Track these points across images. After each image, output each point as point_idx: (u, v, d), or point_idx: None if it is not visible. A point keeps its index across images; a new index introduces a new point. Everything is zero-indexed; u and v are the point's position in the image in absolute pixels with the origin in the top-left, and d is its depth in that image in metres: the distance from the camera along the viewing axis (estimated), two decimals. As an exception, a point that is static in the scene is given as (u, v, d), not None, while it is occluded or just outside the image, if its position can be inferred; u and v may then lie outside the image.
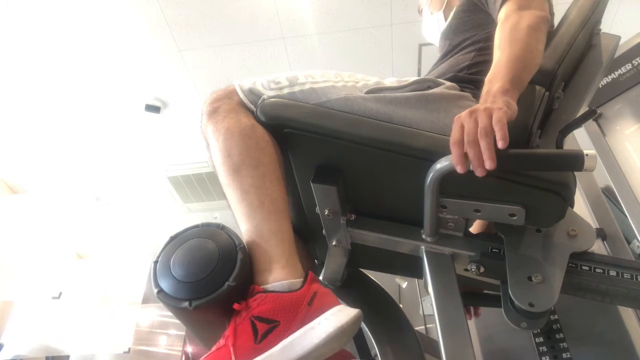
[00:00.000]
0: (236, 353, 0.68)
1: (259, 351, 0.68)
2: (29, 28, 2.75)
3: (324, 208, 0.91)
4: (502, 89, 0.77)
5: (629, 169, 1.60)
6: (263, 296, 0.73)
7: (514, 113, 0.74)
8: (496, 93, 0.77)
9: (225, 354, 0.69)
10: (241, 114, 0.89)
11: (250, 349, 0.69)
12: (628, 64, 1.70)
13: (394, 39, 3.04)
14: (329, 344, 0.70)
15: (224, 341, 0.71)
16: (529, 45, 0.85)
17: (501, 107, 0.72)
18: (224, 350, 0.69)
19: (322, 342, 0.69)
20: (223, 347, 0.70)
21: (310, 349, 0.68)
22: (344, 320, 0.72)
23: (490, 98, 0.76)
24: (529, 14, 0.90)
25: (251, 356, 0.68)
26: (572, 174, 0.81)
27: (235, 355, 0.68)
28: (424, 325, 2.94)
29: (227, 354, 0.68)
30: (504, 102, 0.74)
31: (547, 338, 1.36)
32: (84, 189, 4.08)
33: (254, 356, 0.68)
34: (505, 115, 0.70)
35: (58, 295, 3.50)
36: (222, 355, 0.69)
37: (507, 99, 0.75)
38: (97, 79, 3.12)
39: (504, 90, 0.77)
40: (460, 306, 0.84)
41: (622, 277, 0.83)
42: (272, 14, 2.83)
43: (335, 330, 0.70)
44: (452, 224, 0.90)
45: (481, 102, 0.78)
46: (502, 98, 0.75)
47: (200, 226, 0.82)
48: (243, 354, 0.68)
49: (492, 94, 0.77)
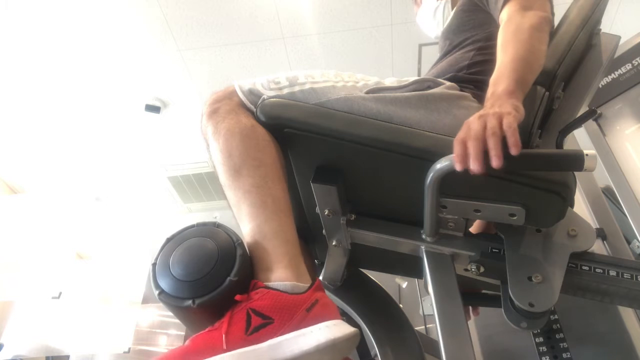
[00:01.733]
0: (227, 338, 0.68)
1: (246, 342, 0.68)
2: (29, 28, 2.75)
3: (324, 208, 0.91)
4: (508, 91, 0.77)
5: (629, 169, 1.60)
6: (264, 291, 0.73)
7: (522, 116, 0.74)
8: (502, 95, 0.77)
9: (215, 336, 0.69)
10: (241, 115, 0.89)
11: (239, 338, 0.68)
12: (628, 64, 1.70)
13: (394, 39, 3.04)
14: (316, 354, 0.69)
15: (218, 325, 0.71)
16: (532, 46, 0.86)
17: (510, 112, 0.72)
18: (215, 333, 0.69)
19: (310, 351, 0.68)
20: (215, 330, 0.70)
21: (296, 354, 0.67)
22: (337, 335, 0.70)
23: (497, 101, 0.76)
24: (531, 15, 0.90)
25: (239, 345, 0.68)
26: (572, 174, 0.81)
27: (226, 341, 0.68)
28: (424, 325, 2.94)
29: (216, 337, 0.68)
30: (512, 105, 0.74)
31: (547, 338, 1.36)
32: (84, 189, 4.07)
33: (241, 346, 0.67)
34: (515, 120, 0.71)
35: (58, 295, 3.50)
36: (212, 337, 0.69)
37: (513, 102, 0.75)
38: (97, 79, 3.12)
39: (509, 92, 0.77)
40: (460, 306, 0.84)
41: (622, 277, 0.83)
42: (272, 14, 2.83)
43: (325, 341, 0.69)
44: (452, 224, 0.90)
45: (487, 104, 0.78)
46: (509, 101, 0.75)
47: (197, 226, 0.81)
48: (232, 341, 0.68)
49: (498, 95, 0.77)
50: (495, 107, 0.74)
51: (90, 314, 3.53)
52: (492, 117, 0.71)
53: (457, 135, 0.73)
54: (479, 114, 0.74)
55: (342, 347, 0.73)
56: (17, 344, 3.39)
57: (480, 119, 0.72)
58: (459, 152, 0.71)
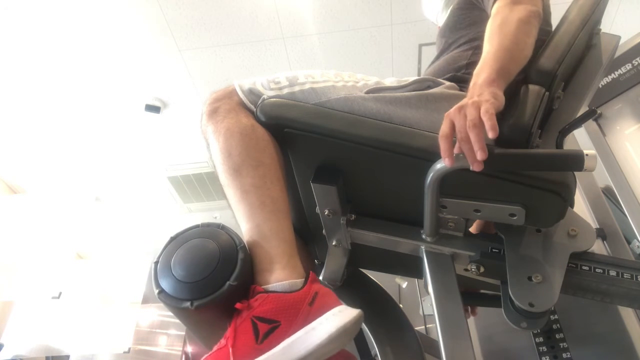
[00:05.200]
0: (236, 353, 0.68)
1: (260, 351, 0.68)
2: (28, 28, 2.75)
3: (324, 208, 0.91)
4: (488, 80, 0.77)
5: (629, 169, 1.60)
6: (264, 296, 0.73)
7: (501, 104, 0.75)
8: (482, 84, 0.77)
9: (224, 354, 0.69)
10: (241, 114, 0.89)
11: (251, 349, 0.69)
12: (628, 64, 1.70)
13: (394, 39, 3.04)
14: (330, 344, 0.70)
15: (224, 341, 0.71)
16: (516, 37, 0.86)
17: (488, 99, 0.72)
18: (223, 351, 0.69)
19: (324, 342, 0.69)
20: (223, 348, 0.70)
21: (311, 349, 0.68)
22: (346, 320, 0.72)
23: (477, 90, 0.76)
24: (520, 8, 0.91)
25: (252, 356, 0.68)
26: (572, 174, 0.81)
27: (234, 356, 0.68)
28: (424, 325, 2.94)
29: (226, 354, 0.68)
30: (490, 93, 0.75)
31: (547, 338, 1.36)
32: (84, 189, 4.07)
33: (256, 356, 0.68)
34: (492, 106, 0.71)
35: (58, 295, 3.50)
36: (222, 356, 0.69)
37: (493, 90, 0.76)
38: (97, 79, 3.12)
39: (490, 81, 0.77)
40: (460, 306, 0.84)
41: (622, 277, 0.83)
42: (272, 14, 2.83)
43: (336, 330, 0.70)
44: (452, 224, 0.90)
45: (468, 94, 0.78)
46: (488, 89, 0.76)
47: (200, 226, 0.81)
48: (244, 354, 0.68)
49: (479, 85, 0.78)
50: (474, 97, 0.75)
51: (90, 314, 3.53)
52: (471, 107, 0.72)
53: (441, 129, 0.74)
54: (458, 106, 0.74)
55: (351, 330, 0.74)
56: (17, 344, 3.39)
57: (460, 110, 0.73)
58: (444, 147, 0.72)
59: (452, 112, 0.74)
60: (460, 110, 0.73)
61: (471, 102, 0.73)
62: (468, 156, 0.71)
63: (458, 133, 0.71)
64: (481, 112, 0.70)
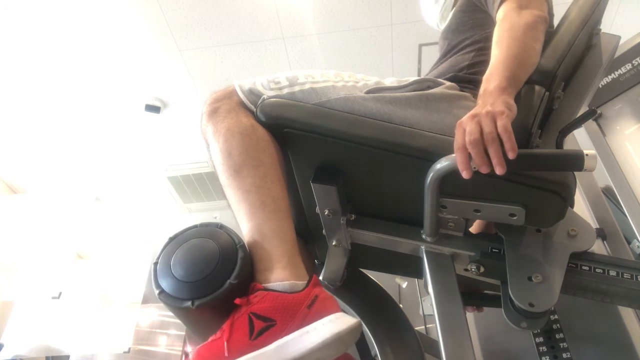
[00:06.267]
0: (230, 346, 0.68)
1: (253, 347, 0.68)
2: (28, 28, 2.75)
3: (324, 208, 0.91)
4: (499, 88, 0.77)
5: (629, 169, 1.60)
6: (263, 294, 0.73)
7: (515, 114, 0.74)
8: (493, 92, 0.77)
9: (219, 346, 0.69)
10: (241, 114, 0.89)
11: (244, 344, 0.69)
12: (628, 64, 1.70)
13: (394, 39, 3.04)
14: (323, 349, 0.69)
15: (219, 334, 0.71)
16: (525, 44, 0.86)
17: (503, 111, 0.72)
18: (218, 343, 0.70)
19: (317, 347, 0.68)
20: (218, 340, 0.70)
21: (304, 352, 0.68)
22: (341, 328, 0.71)
23: (489, 98, 0.76)
24: (527, 13, 0.91)
25: (245, 351, 0.68)
26: (572, 174, 0.81)
27: (228, 349, 0.68)
28: (424, 325, 2.94)
29: (220, 346, 0.69)
30: (503, 102, 0.74)
31: (547, 338, 1.36)
32: (83, 189, 4.07)
33: (248, 351, 0.68)
34: (509, 120, 0.71)
35: (58, 295, 3.50)
36: (216, 347, 0.69)
37: (505, 99, 0.75)
38: (97, 78, 3.12)
39: (501, 89, 0.77)
40: (460, 306, 0.84)
41: (622, 277, 0.83)
42: (272, 14, 2.83)
43: (331, 336, 0.70)
44: (452, 224, 0.90)
45: (479, 101, 0.78)
46: (500, 97, 0.75)
47: (199, 226, 0.82)
48: (238, 348, 0.68)
49: (490, 92, 0.77)
50: (487, 106, 0.74)
51: (90, 314, 3.53)
52: (486, 118, 0.71)
53: (455, 140, 0.73)
54: (471, 114, 0.74)
55: (347, 338, 0.73)
56: (17, 344, 3.39)
57: (473, 119, 0.72)
58: (462, 159, 0.71)
59: (464, 120, 0.74)
60: (473, 118, 0.73)
61: (485, 112, 0.72)
62: (476, 159, 0.70)
63: (468, 135, 0.71)
64: (499, 127, 0.70)
